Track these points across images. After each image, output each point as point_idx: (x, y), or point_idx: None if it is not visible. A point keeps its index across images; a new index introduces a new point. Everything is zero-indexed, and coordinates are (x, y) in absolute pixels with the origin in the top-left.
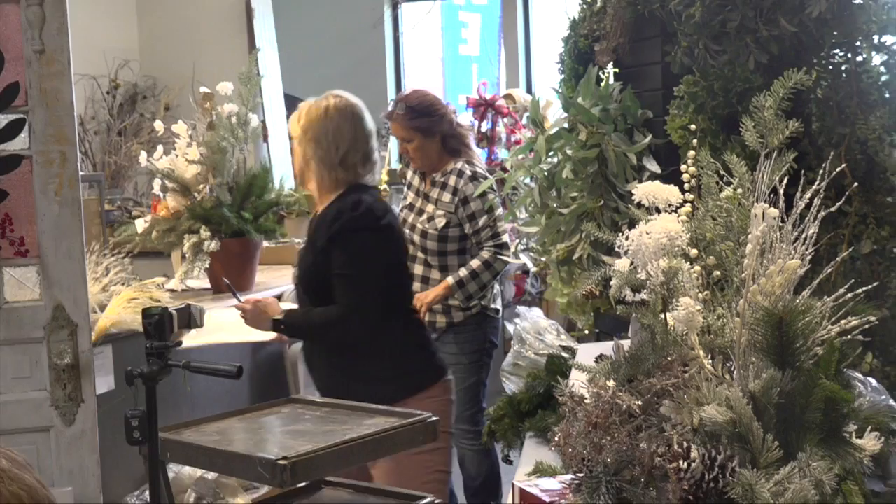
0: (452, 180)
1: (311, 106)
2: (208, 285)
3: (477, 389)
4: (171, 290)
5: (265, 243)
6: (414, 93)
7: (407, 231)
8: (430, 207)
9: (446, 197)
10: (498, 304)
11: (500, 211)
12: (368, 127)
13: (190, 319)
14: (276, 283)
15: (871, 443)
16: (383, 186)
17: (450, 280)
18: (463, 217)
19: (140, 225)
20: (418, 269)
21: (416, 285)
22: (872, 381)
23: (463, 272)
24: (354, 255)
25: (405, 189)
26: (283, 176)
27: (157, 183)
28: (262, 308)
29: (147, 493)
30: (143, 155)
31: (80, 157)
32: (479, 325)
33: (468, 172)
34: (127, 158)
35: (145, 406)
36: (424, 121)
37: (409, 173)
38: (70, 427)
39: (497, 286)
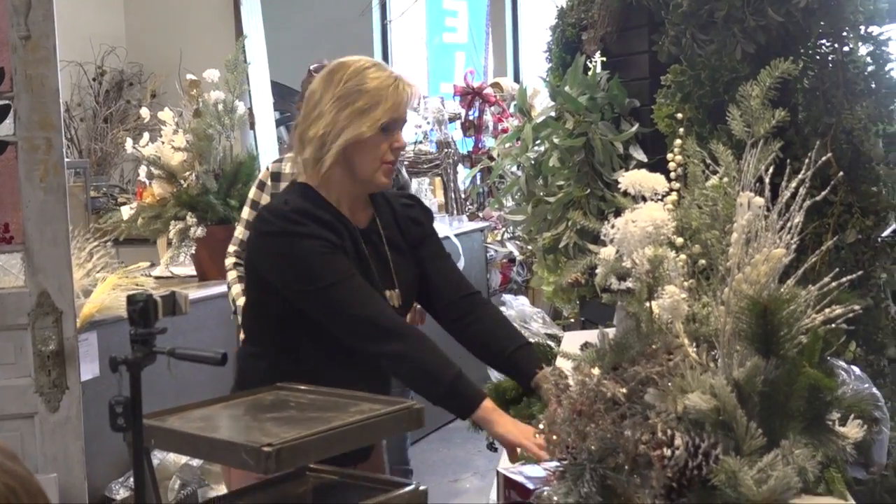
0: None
1: None
2: (194, 272)
3: None
4: (157, 277)
5: None
6: None
7: None
8: None
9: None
10: None
11: None
12: None
13: (175, 306)
14: None
15: (853, 430)
16: None
17: None
18: None
19: (126, 212)
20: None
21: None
22: (856, 369)
23: None
24: None
25: None
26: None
27: (142, 170)
28: None
29: (132, 479)
30: (129, 142)
31: (66, 144)
32: None
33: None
34: (113, 145)
35: (129, 393)
36: None
37: None
38: (54, 414)
39: None
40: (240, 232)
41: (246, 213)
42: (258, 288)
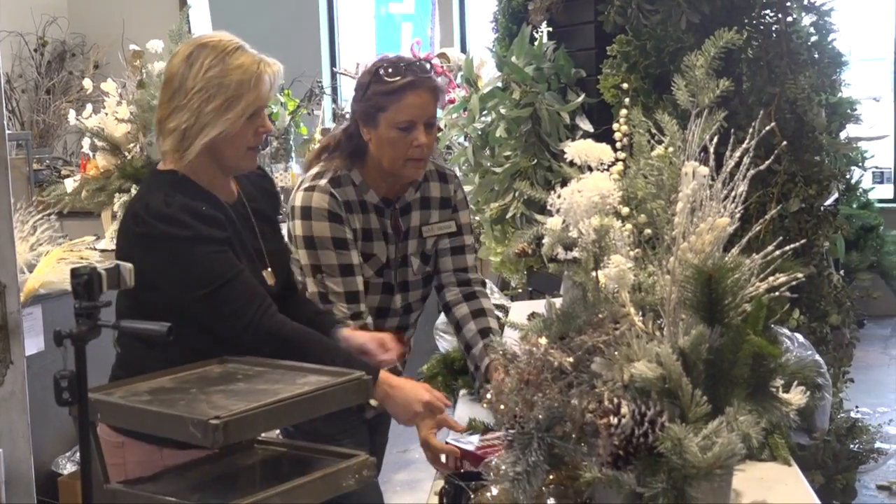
0: (436, 189)
1: None
2: None
3: None
4: (102, 250)
5: None
6: None
7: (398, 297)
8: (414, 245)
9: (437, 216)
10: None
11: None
12: None
13: (119, 279)
14: None
15: (797, 397)
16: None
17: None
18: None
19: (69, 184)
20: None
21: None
22: (799, 336)
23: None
24: None
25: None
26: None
27: (86, 142)
28: None
29: (79, 454)
30: (71, 113)
31: (7, 116)
32: None
33: (449, 173)
34: (55, 117)
35: (75, 366)
36: None
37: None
38: None
39: None
40: (312, 285)
41: (304, 256)
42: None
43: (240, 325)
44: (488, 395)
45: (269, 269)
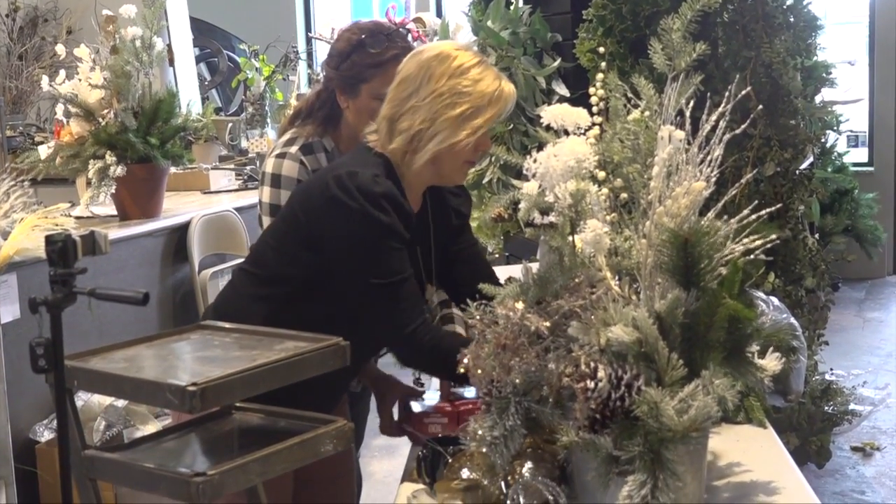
0: None
1: None
2: (114, 211)
3: None
4: (78, 217)
5: (172, 169)
6: None
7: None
8: None
9: None
10: None
11: None
12: None
13: (94, 246)
14: (183, 210)
15: (772, 363)
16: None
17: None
18: None
19: (43, 151)
20: None
21: None
22: (774, 300)
23: None
24: None
25: None
26: (191, 101)
27: (59, 108)
28: None
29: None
30: (44, 80)
31: None
32: None
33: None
34: (28, 83)
35: (50, 334)
36: None
37: None
38: None
39: None
40: None
41: (266, 222)
42: (301, 242)
43: (403, 326)
44: (465, 360)
45: (435, 286)
